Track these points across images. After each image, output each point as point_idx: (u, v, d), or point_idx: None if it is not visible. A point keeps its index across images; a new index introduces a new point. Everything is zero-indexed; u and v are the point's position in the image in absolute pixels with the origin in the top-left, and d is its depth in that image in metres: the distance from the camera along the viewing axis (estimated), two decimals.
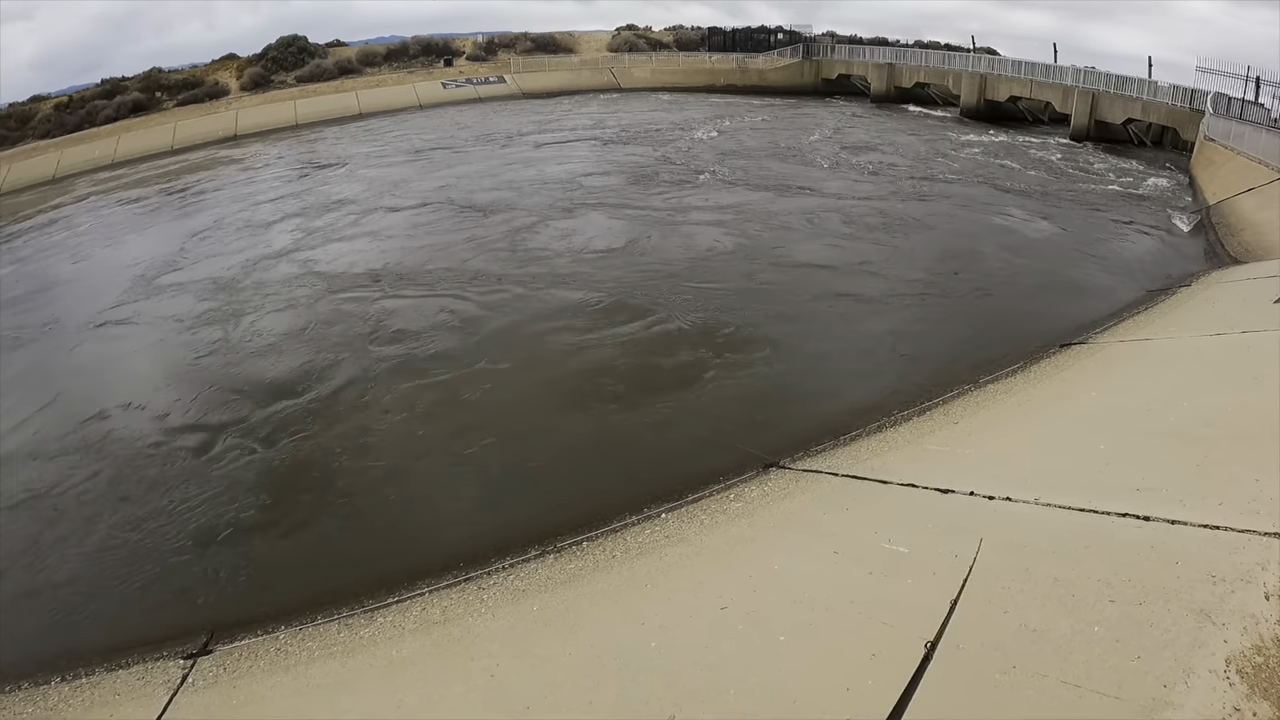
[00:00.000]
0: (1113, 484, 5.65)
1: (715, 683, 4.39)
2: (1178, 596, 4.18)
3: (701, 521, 6.66)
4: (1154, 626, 4.01)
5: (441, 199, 21.41)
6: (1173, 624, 4.00)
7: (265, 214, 22.35)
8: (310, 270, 15.77)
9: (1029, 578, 4.64)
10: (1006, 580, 4.67)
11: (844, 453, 7.46)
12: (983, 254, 14.03)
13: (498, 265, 14.55)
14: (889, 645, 4.32)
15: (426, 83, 52.57)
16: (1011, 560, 4.87)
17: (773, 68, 49.10)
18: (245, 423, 9.78)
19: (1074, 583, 4.50)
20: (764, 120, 33.73)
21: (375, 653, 5.73)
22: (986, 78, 34.59)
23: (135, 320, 14.16)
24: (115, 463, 9.37)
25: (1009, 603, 4.45)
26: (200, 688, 5.73)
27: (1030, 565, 4.77)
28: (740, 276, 12.99)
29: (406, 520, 7.70)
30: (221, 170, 33.19)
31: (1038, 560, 4.81)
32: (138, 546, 7.81)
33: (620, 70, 52.58)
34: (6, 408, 11.33)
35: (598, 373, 9.99)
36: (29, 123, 51.17)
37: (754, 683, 4.32)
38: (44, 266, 20.72)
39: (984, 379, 8.86)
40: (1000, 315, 11.04)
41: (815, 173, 21.74)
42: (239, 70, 55.91)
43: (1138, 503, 5.23)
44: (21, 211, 32.36)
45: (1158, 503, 5.18)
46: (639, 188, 20.58)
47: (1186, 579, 4.32)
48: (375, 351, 11.32)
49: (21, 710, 5.93)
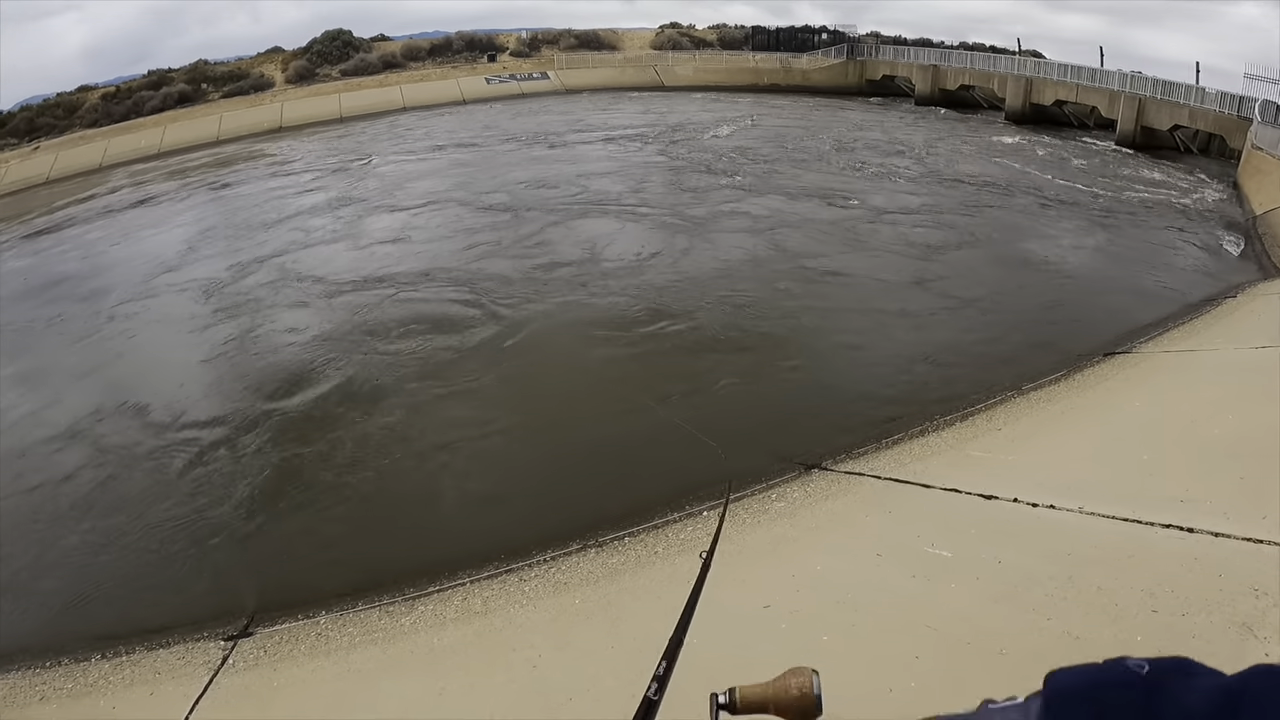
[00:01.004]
0: (1156, 495, 5.83)
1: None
2: (1220, 609, 4.37)
3: (744, 520, 6.86)
4: (1196, 638, 4.20)
5: (473, 195, 22.01)
6: (1215, 636, 4.19)
7: (301, 204, 23.19)
8: (347, 266, 16.13)
9: (1072, 586, 4.83)
10: (1050, 588, 4.86)
11: (886, 456, 7.66)
12: (1026, 262, 14.14)
13: (534, 265, 14.82)
14: (932, 648, 4.52)
15: (470, 78, 54.01)
16: (1055, 568, 5.06)
17: (816, 68, 49.30)
18: (279, 413, 10.17)
19: (1117, 592, 4.69)
20: (807, 122, 34.03)
21: (417, 640, 5.97)
22: (1032, 81, 34.67)
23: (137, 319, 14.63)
24: (156, 448, 9.78)
25: (1052, 610, 4.64)
26: (241, 669, 5.98)
27: (1074, 574, 4.96)
28: (779, 285, 13.15)
29: (448, 512, 8.01)
30: (258, 162, 34.64)
31: (1081, 569, 5.00)
32: (182, 529, 8.18)
33: (663, 68, 53.16)
34: (57, 387, 11.68)
35: (639, 374, 10.27)
36: (76, 112, 52.89)
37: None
38: (67, 257, 21.55)
39: (1027, 386, 9.04)
40: (1044, 323, 11.18)
41: (859, 181, 21.69)
42: (284, 63, 57.62)
43: (1181, 514, 5.41)
44: (71, 196, 33.29)
45: (1201, 515, 5.36)
46: (676, 190, 20.71)
47: (1229, 592, 4.50)
48: (409, 348, 11.69)
49: (61, 686, 6.21)
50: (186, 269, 17.64)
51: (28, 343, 14.55)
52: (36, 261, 22.30)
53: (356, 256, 16.97)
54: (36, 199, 36.31)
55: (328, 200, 23.48)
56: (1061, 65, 34.36)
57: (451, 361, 11.05)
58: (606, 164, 24.90)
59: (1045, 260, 14.33)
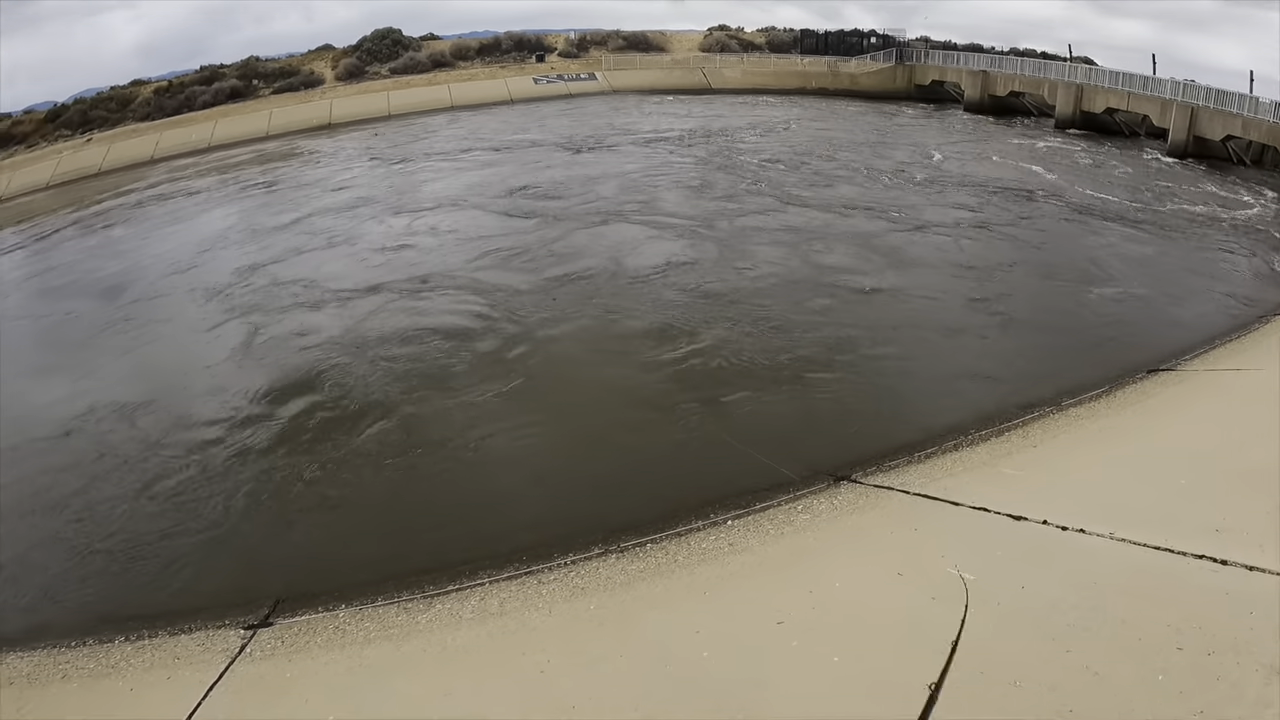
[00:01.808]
0: (1191, 523, 5.66)
1: (763, 699, 4.54)
2: (1248, 649, 4.22)
3: (767, 531, 6.82)
4: (1221, 680, 4.05)
5: (508, 195, 22.10)
6: (1240, 678, 4.05)
7: (329, 203, 23.64)
8: (387, 264, 16.23)
9: (1095, 617, 4.70)
10: (1073, 618, 4.73)
11: (917, 470, 7.53)
12: (1074, 277, 13.77)
13: (564, 274, 14.70)
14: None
15: (518, 78, 54.21)
16: (1079, 597, 4.94)
17: (864, 72, 48.54)
18: (314, 410, 10.34)
19: (1142, 626, 4.55)
20: (854, 128, 33.38)
21: (430, 639, 6.02)
22: (1083, 88, 33.76)
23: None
24: (193, 437, 10.04)
25: (1073, 641, 4.51)
26: (257, 658, 6.07)
27: (1098, 604, 4.83)
28: (817, 297, 12.94)
29: (475, 511, 8.06)
30: (293, 161, 35.32)
31: (1106, 599, 4.88)
32: (215, 517, 8.40)
33: (711, 70, 52.85)
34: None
35: (671, 382, 10.24)
36: (129, 105, 54.49)
37: (803, 703, 4.43)
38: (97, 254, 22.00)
39: (1066, 402, 8.84)
40: (1089, 337, 10.91)
41: (906, 192, 21.18)
42: (334, 61, 58.81)
43: (1215, 545, 5.25)
44: (109, 191, 34.32)
45: (1236, 546, 5.19)
46: (716, 198, 20.41)
47: (1260, 631, 4.35)
48: (446, 347, 11.77)
49: (84, 665, 6.37)
50: (194, 272, 17.83)
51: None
52: (59, 257, 23.02)
53: (388, 257, 17.02)
54: (83, 190, 37.63)
55: (354, 199, 23.65)
56: (1112, 72, 33.41)
57: (464, 369, 11.07)
58: (648, 169, 24.62)
59: (1092, 274, 13.97)
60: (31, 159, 48.90)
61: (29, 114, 55.41)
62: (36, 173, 45.46)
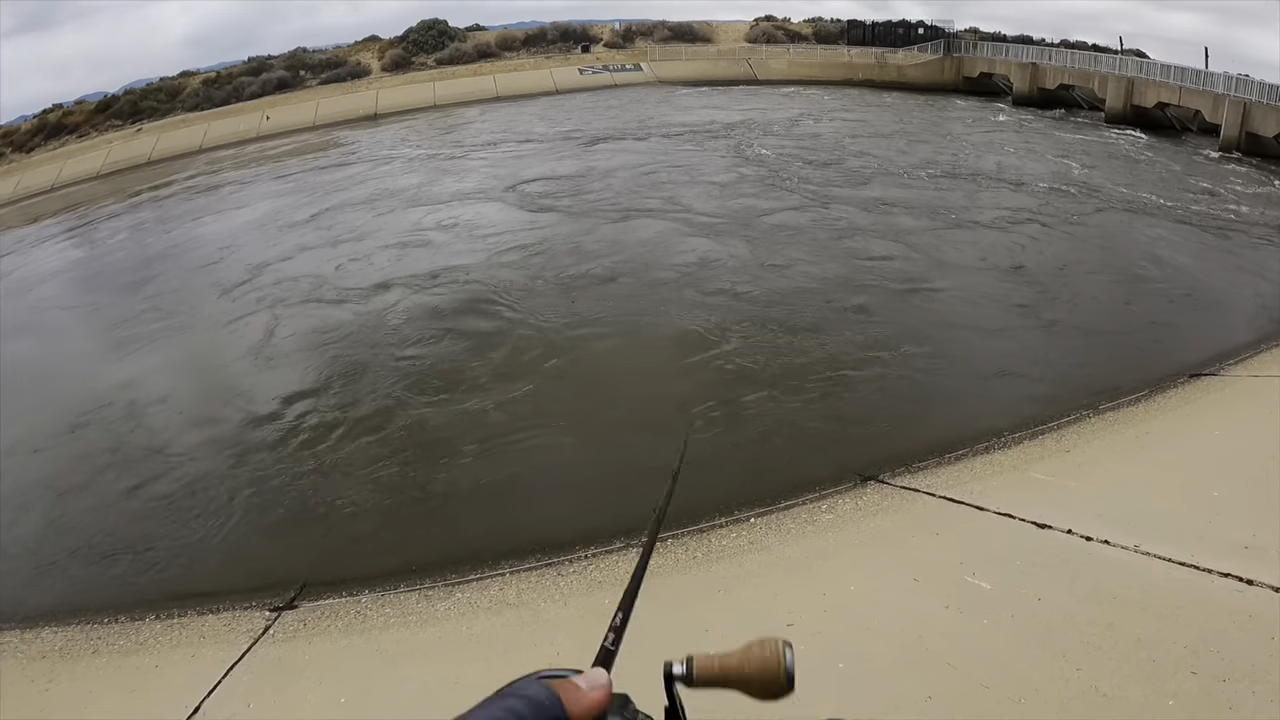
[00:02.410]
0: (1220, 538, 5.48)
1: (761, 703, 4.42)
2: (1265, 678, 4.09)
3: (788, 530, 6.79)
4: (1233, 710, 3.95)
5: (552, 186, 22.23)
6: (1255, 710, 3.92)
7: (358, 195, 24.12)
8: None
9: (1110, 634, 4.58)
10: (1087, 634, 4.62)
11: (945, 473, 7.41)
12: (1120, 276, 13.40)
13: (599, 270, 14.74)
14: (948, 688, 4.39)
15: (563, 68, 55.55)
16: (1096, 612, 4.82)
17: (912, 64, 48.00)
18: (352, 403, 10.57)
19: (1157, 646, 4.43)
20: (900, 121, 32.96)
21: (447, 626, 6.12)
22: (1133, 82, 32.92)
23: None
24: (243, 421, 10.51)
25: (1084, 660, 4.40)
26: (279, 640, 6.22)
27: (1115, 621, 4.71)
28: (854, 296, 12.77)
29: (501, 503, 8.18)
30: (330, 152, 36.65)
31: (1124, 616, 4.75)
32: (254, 502, 8.69)
33: (757, 62, 52.90)
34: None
35: (700, 378, 10.22)
36: (178, 96, 56.88)
37: (802, 709, 4.33)
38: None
39: (1104, 405, 8.61)
40: (1130, 339, 10.65)
41: (949, 189, 20.68)
42: (381, 52, 60.42)
43: (1242, 563, 5.07)
44: (148, 183, 35.99)
45: (1264, 565, 5.03)
46: (757, 194, 20.19)
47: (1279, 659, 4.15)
48: (481, 343, 11.94)
49: (115, 641, 6.58)
50: (214, 269, 18.34)
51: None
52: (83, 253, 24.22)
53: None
54: (128, 180, 39.64)
55: (379, 191, 24.07)
56: (1164, 66, 32.47)
57: (487, 367, 11.18)
58: (677, 163, 24.55)
59: (1138, 273, 13.55)
60: (83, 148, 51.16)
61: (80, 104, 57.78)
62: (87, 162, 47.55)
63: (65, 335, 16.24)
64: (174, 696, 5.54)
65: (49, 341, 16.05)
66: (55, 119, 56.75)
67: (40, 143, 55.39)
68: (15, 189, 45.99)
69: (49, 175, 47.33)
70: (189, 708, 5.34)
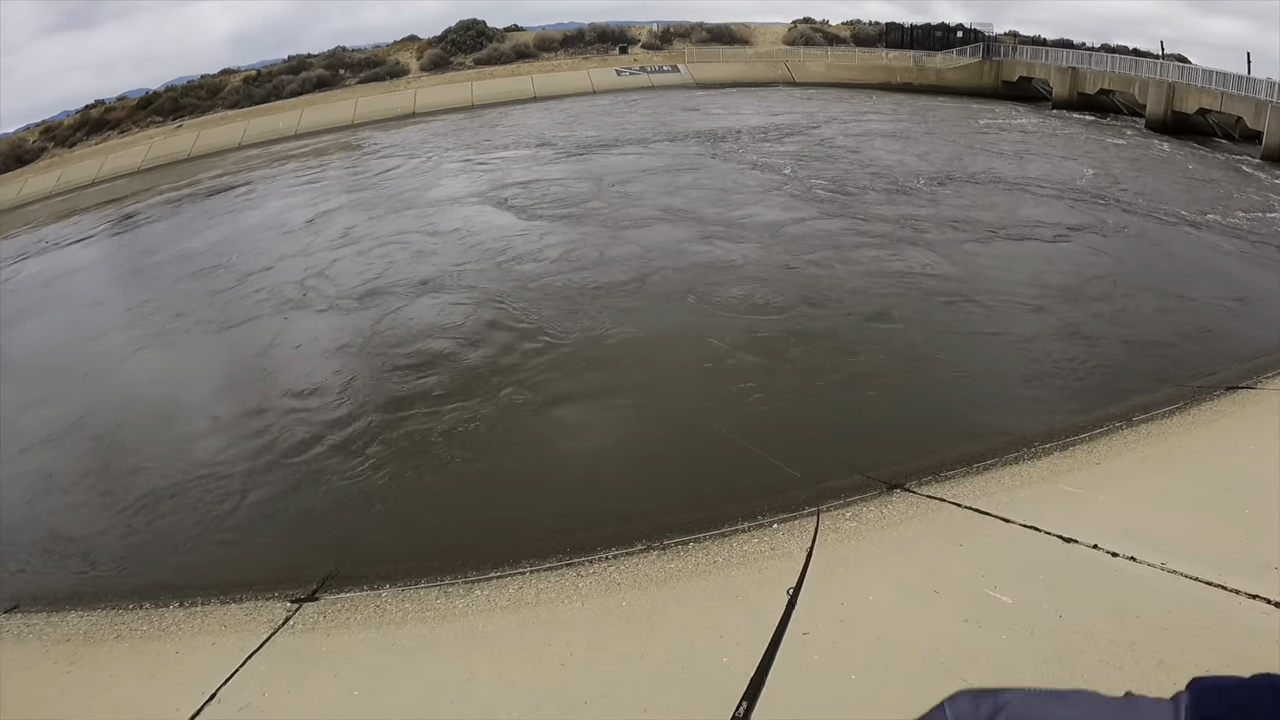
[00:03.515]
0: (1249, 558, 5.37)
1: (773, 711, 4.41)
2: None
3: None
4: None
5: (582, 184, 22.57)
6: None
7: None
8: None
9: (1131, 655, 4.51)
10: (1107, 654, 4.56)
11: (973, 483, 7.32)
12: (1161, 287, 13.09)
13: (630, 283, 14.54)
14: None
15: (601, 69, 56.34)
16: (1118, 631, 4.74)
17: (951, 67, 47.74)
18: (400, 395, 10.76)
19: (1179, 669, 4.37)
20: (938, 125, 32.61)
21: (463, 623, 6.17)
22: (1175, 87, 32.35)
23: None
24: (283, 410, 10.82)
25: (1102, 680, 4.36)
26: (298, 631, 6.32)
27: (1137, 640, 4.63)
28: (887, 298, 12.69)
29: (526, 502, 8.28)
30: (351, 154, 37.31)
31: (1146, 636, 4.68)
32: (281, 492, 8.91)
33: (795, 64, 53.07)
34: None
35: (728, 383, 10.17)
36: (219, 93, 58.66)
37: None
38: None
39: (1137, 418, 8.44)
40: (1169, 350, 10.42)
41: (988, 195, 20.31)
42: (419, 51, 61.78)
43: (1272, 584, 4.99)
44: (174, 182, 37.37)
45: None
46: (785, 202, 19.91)
47: None
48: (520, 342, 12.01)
49: (137, 627, 6.73)
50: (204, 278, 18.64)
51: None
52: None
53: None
54: (166, 175, 41.25)
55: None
56: (1205, 71, 31.89)
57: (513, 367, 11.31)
58: (701, 168, 24.59)
59: (1180, 284, 13.21)
60: (124, 144, 52.85)
61: (122, 100, 59.22)
62: (128, 157, 49.10)
63: (85, 325, 16.88)
64: (192, 682, 5.66)
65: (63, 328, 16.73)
66: (97, 115, 58.50)
67: (82, 138, 57.10)
68: (57, 182, 47.80)
69: (90, 170, 48.90)
70: (205, 694, 5.46)
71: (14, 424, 11.89)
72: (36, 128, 59.81)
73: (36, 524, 9.13)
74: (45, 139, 57.88)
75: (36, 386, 13.56)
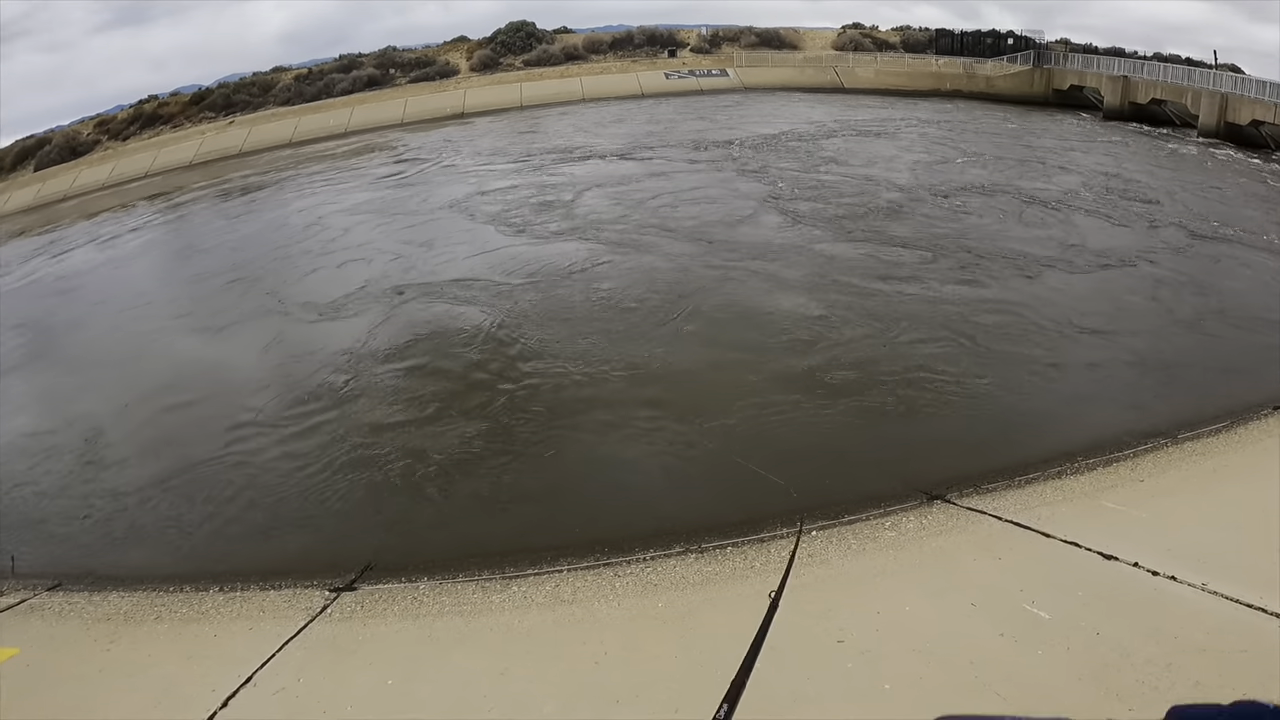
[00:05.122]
0: None
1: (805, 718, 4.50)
2: None
3: (849, 545, 6.87)
4: None
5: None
6: None
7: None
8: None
9: (1167, 675, 4.58)
10: (1144, 673, 4.64)
11: (1014, 496, 7.38)
12: (1212, 305, 12.89)
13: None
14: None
15: (649, 72, 56.70)
16: (1155, 651, 4.81)
17: (1001, 74, 47.21)
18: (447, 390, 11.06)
19: (1216, 691, 4.41)
20: (989, 136, 32.08)
21: (499, 619, 6.34)
22: (1227, 98, 31.80)
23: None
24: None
25: (1137, 699, 4.45)
26: (335, 619, 6.55)
27: (1174, 661, 4.70)
28: (932, 308, 12.62)
29: (567, 501, 8.41)
30: (381, 154, 38.19)
31: (1183, 657, 4.76)
32: (324, 482, 9.18)
33: (844, 70, 52.91)
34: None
35: (769, 392, 10.21)
36: (270, 91, 60.75)
37: None
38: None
39: (1182, 435, 8.43)
40: (1219, 368, 10.31)
41: (1037, 209, 19.68)
42: (469, 52, 63.09)
43: None
44: (209, 180, 38.92)
45: None
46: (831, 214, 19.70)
47: None
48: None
49: (176, 610, 7.00)
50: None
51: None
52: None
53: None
54: (212, 170, 42.91)
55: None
56: (1259, 82, 31.34)
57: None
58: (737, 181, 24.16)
59: (1233, 300, 13.00)
60: (177, 138, 54.77)
61: (175, 96, 60.69)
62: (180, 151, 50.93)
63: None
64: (229, 665, 5.89)
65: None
66: (150, 109, 60.43)
67: (135, 131, 58.91)
68: (111, 174, 49.46)
69: (144, 163, 50.50)
70: (241, 677, 5.70)
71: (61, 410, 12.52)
72: (91, 121, 62.06)
73: (78, 501, 9.50)
74: (99, 132, 59.84)
75: (77, 375, 14.28)
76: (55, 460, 10.66)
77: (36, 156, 57.07)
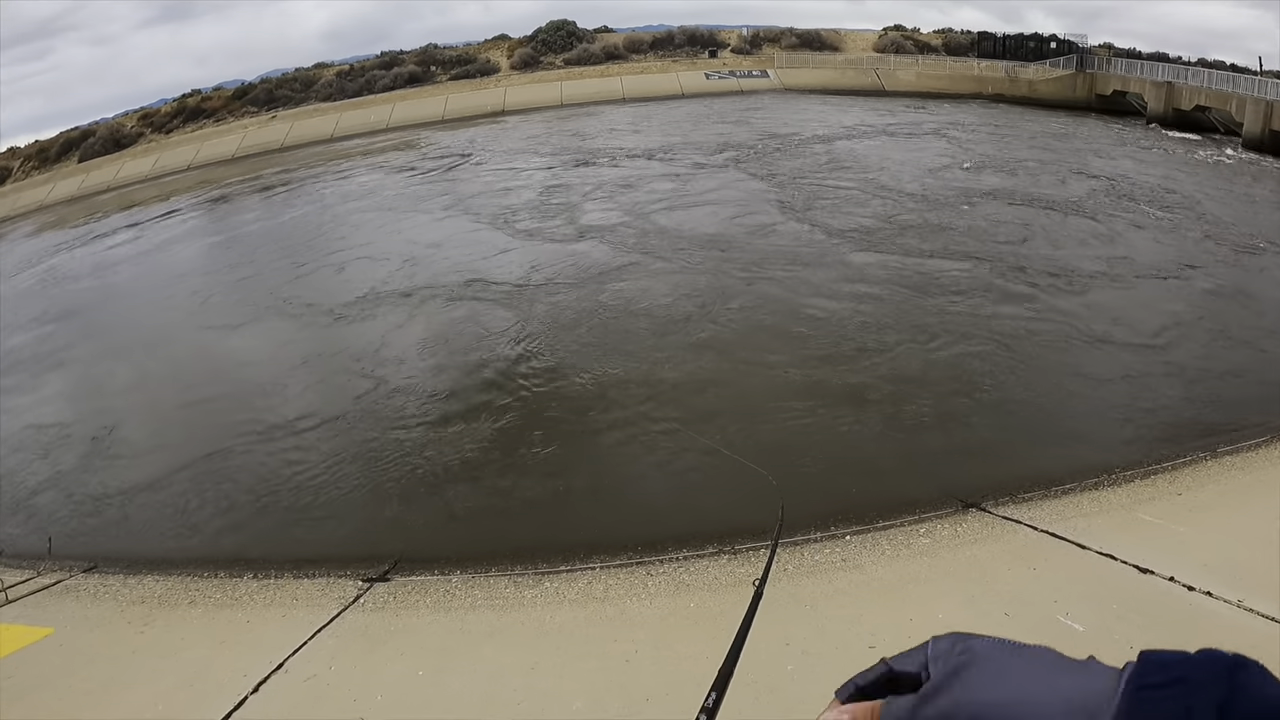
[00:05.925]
0: None
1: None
2: None
3: (883, 551, 6.93)
4: None
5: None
6: None
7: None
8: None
9: None
10: None
11: (1049, 506, 7.40)
12: (1257, 323, 12.74)
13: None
14: None
15: (690, 72, 56.76)
16: None
17: (1043, 79, 46.72)
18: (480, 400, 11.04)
19: None
20: (1033, 142, 31.60)
21: (531, 614, 6.45)
22: (1273, 105, 31.21)
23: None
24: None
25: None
26: (368, 609, 6.70)
27: None
28: (986, 326, 12.47)
29: (602, 500, 8.55)
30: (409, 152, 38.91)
31: None
32: (359, 475, 9.37)
33: (884, 72, 52.88)
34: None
35: (807, 398, 10.23)
36: (312, 86, 61.97)
37: None
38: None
39: (1221, 449, 8.41)
40: (1260, 381, 10.21)
41: (1083, 223, 19.32)
42: (510, 50, 63.75)
43: None
44: (237, 177, 40.30)
45: None
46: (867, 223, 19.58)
47: None
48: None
49: (210, 595, 7.21)
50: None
51: None
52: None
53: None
54: (255, 164, 44.14)
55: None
56: None
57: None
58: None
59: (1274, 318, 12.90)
60: (219, 132, 56.11)
61: (218, 90, 61.82)
62: (223, 145, 52.17)
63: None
64: (261, 651, 6.05)
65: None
66: (194, 103, 62.00)
67: (178, 125, 60.44)
68: (154, 166, 51.13)
69: (186, 155, 52.09)
70: (273, 663, 5.85)
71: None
72: (135, 114, 63.68)
73: (116, 489, 9.73)
74: (143, 125, 61.44)
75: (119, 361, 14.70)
76: (112, 444, 11.09)
77: (81, 148, 58.73)
